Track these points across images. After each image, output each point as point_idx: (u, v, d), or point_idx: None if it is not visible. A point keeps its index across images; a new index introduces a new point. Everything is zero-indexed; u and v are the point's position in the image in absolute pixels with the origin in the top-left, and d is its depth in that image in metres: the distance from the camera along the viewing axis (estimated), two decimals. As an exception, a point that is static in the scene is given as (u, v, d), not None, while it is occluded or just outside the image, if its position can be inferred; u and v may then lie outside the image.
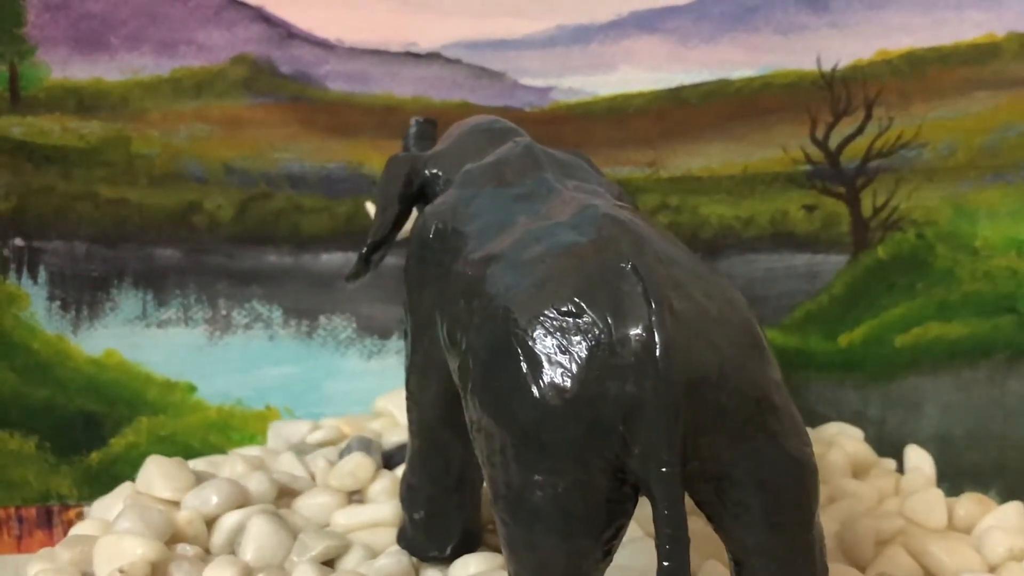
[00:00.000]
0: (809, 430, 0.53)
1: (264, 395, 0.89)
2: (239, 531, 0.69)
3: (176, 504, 0.71)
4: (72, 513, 0.87)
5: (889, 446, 0.83)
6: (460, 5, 0.86)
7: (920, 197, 0.87)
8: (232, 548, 0.69)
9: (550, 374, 0.49)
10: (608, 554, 0.51)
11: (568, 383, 0.48)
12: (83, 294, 0.88)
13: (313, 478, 0.76)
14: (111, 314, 0.88)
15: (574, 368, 0.48)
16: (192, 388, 0.89)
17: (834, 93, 0.87)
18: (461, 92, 0.87)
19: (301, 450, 0.79)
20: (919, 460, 0.80)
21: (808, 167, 0.87)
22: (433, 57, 0.86)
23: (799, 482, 0.51)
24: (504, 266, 0.53)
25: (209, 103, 0.86)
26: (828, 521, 0.69)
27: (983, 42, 0.86)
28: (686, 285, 0.50)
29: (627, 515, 0.50)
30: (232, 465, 0.76)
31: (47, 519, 0.87)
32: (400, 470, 0.72)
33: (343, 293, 0.88)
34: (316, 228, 0.88)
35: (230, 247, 0.88)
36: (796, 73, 0.87)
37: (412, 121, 0.75)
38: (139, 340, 0.88)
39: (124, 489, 0.75)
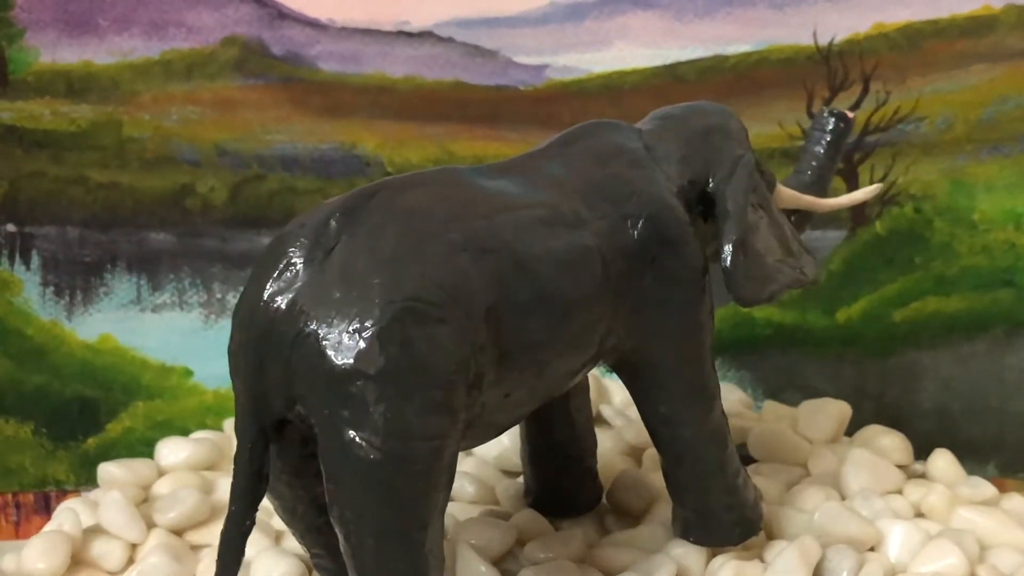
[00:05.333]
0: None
1: (260, 378, 0.88)
2: None
3: None
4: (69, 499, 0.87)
5: (888, 421, 0.83)
6: (453, -18, 0.85)
7: (918, 171, 0.87)
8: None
9: (242, 296, 0.54)
10: (259, 488, 0.54)
11: (239, 308, 0.54)
12: (76, 279, 0.87)
13: None
14: (105, 299, 0.87)
15: (244, 297, 0.54)
16: (188, 372, 0.88)
17: (831, 68, 0.86)
18: (454, 71, 0.86)
19: None
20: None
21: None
22: (426, 36, 0.86)
23: (353, 480, 0.51)
24: None
25: (200, 85, 0.86)
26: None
27: (980, 14, 0.85)
28: (331, 264, 0.52)
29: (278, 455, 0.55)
30: None
31: (44, 505, 0.87)
32: None
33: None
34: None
35: (224, 230, 0.87)
36: (792, 48, 0.86)
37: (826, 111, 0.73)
38: (134, 325, 0.88)
39: None
